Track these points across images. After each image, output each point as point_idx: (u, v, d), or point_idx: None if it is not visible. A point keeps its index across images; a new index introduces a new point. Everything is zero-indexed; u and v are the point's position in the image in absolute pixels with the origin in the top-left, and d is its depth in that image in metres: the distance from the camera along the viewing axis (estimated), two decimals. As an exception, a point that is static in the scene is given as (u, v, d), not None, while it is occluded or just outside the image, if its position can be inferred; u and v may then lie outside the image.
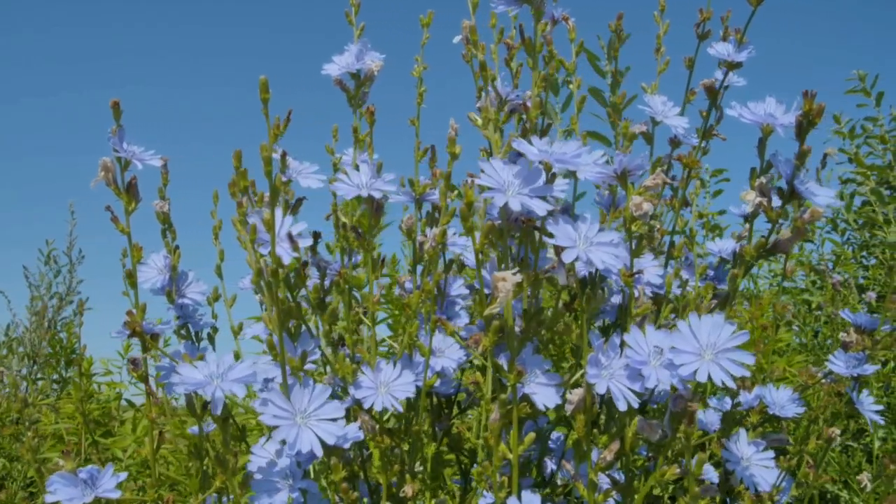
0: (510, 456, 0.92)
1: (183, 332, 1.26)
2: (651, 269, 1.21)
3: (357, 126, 1.27)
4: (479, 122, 0.98)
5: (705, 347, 0.89)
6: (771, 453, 1.19)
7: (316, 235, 1.21)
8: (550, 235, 0.86)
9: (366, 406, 1.04)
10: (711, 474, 1.31)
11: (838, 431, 1.25)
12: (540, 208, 0.86)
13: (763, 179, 0.91)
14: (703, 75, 1.42)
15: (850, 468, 1.92)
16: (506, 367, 0.93)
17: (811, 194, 0.89)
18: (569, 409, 0.92)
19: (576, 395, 0.92)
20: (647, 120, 1.31)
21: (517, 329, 0.96)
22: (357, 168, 1.10)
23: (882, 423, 1.26)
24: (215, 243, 1.33)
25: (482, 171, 0.88)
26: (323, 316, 1.07)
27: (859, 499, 1.88)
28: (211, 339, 1.30)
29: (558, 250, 0.85)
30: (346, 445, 0.97)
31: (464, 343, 0.98)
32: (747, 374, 0.90)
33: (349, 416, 1.09)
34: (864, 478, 1.68)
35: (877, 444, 1.87)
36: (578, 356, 0.98)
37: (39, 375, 2.35)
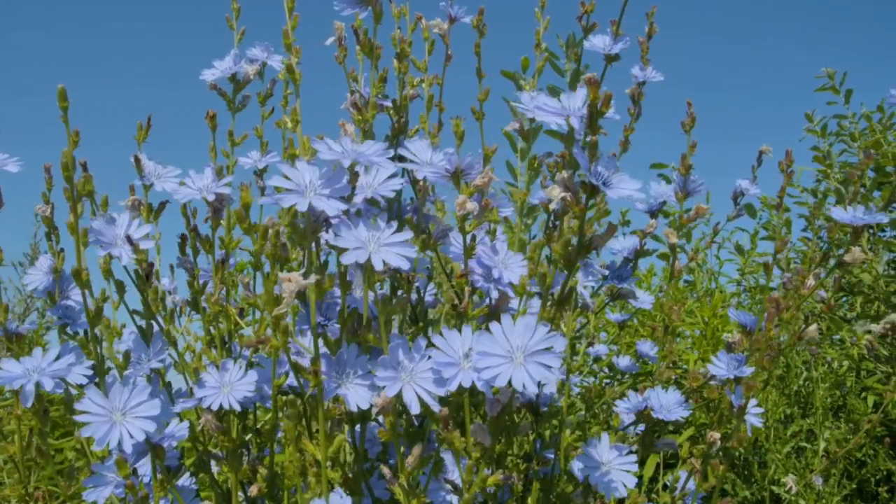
0: (319, 456, 0.93)
1: (67, 332, 1.30)
2: (518, 269, 1.20)
3: (232, 130, 1.29)
4: (290, 124, 0.98)
5: (516, 350, 0.88)
6: (633, 457, 1.16)
7: (184, 238, 1.24)
8: (336, 236, 0.86)
9: (204, 405, 1.06)
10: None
11: (718, 436, 1.20)
12: (330, 209, 0.86)
13: (565, 174, 0.89)
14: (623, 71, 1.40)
15: (796, 469, 1.85)
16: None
17: (607, 188, 0.87)
18: (374, 411, 0.92)
19: (382, 397, 0.92)
20: (521, 117, 1.29)
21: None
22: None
23: (760, 425, 1.21)
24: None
25: (282, 174, 0.89)
26: (165, 317, 1.09)
27: (805, 500, 1.81)
28: (96, 339, 1.33)
29: (339, 251, 0.85)
30: (168, 443, 0.99)
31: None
32: (551, 377, 0.87)
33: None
34: (790, 480, 1.62)
35: (822, 444, 1.80)
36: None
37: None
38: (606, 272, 1.45)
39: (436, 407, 0.89)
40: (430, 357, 0.92)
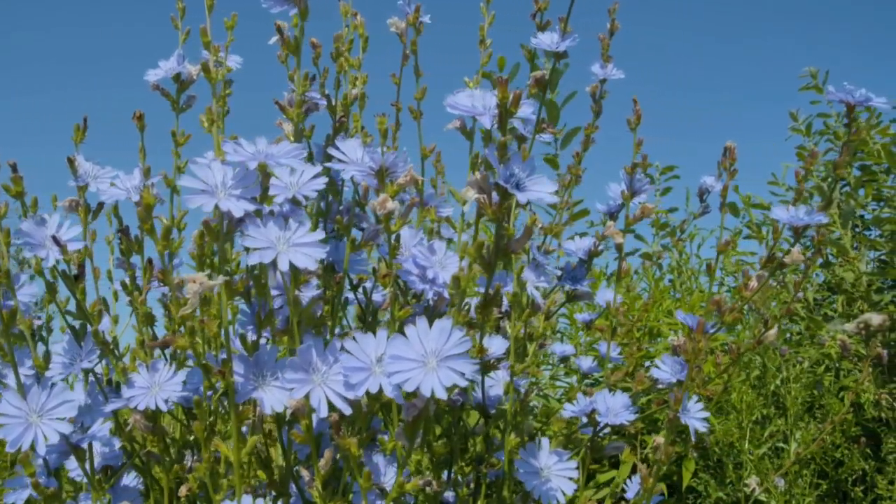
0: (232, 457, 0.92)
1: (11, 332, 1.30)
2: (456, 269, 1.18)
3: (176, 130, 1.29)
4: (206, 124, 0.98)
5: (430, 355, 0.86)
6: (574, 463, 1.14)
7: (123, 239, 1.23)
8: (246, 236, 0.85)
9: (131, 405, 1.05)
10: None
11: (662, 439, 1.18)
12: (237, 209, 0.85)
13: (478, 175, 0.87)
14: (581, 70, 1.38)
15: (770, 470, 1.81)
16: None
17: (518, 190, 0.85)
18: (288, 413, 0.91)
19: (295, 399, 0.90)
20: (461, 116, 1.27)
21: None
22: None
23: (704, 430, 1.18)
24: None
25: (191, 174, 0.88)
26: (94, 317, 1.08)
27: (776, 501, 1.78)
28: (44, 339, 1.34)
29: (248, 251, 0.84)
30: (84, 444, 0.99)
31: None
32: (462, 382, 0.86)
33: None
34: (753, 482, 1.59)
35: (793, 445, 1.76)
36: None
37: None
38: (560, 273, 1.43)
39: (347, 410, 0.88)
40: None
